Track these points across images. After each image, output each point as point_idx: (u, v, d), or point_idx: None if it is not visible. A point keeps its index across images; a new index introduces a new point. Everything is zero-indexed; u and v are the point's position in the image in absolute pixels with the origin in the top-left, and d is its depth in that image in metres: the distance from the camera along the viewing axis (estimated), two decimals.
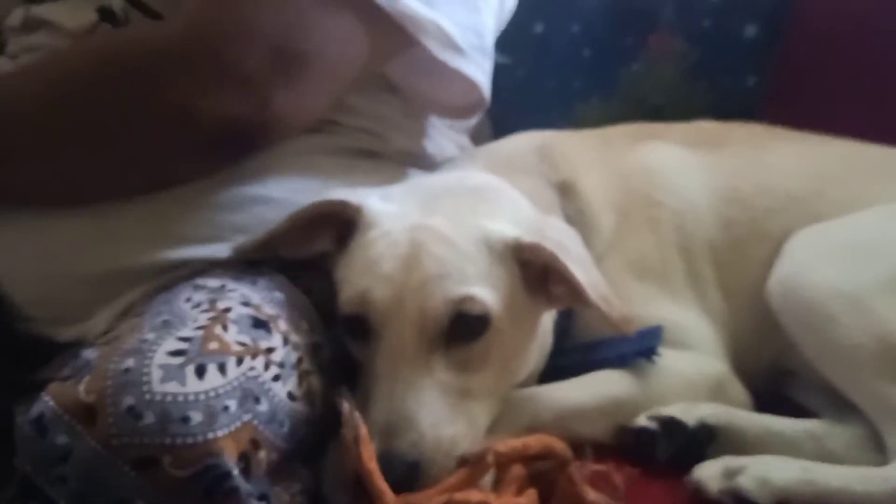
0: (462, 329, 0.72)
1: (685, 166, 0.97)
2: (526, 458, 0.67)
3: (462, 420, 0.71)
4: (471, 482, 0.65)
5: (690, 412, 0.80)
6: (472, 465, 0.65)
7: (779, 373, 0.93)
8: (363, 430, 0.63)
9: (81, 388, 0.60)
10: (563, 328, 0.86)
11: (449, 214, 0.76)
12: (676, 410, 0.80)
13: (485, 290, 0.73)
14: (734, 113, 1.09)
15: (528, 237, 0.76)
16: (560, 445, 0.68)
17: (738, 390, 0.87)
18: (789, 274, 0.86)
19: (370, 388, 0.72)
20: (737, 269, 0.92)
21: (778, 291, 0.86)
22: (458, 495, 0.62)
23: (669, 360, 0.84)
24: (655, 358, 0.83)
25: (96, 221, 0.76)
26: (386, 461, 0.65)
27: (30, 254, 0.77)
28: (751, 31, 1.19)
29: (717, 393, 0.85)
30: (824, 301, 0.82)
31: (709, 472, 0.74)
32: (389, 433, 0.67)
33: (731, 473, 0.73)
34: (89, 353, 0.64)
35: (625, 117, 1.10)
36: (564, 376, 0.83)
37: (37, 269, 0.77)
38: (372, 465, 0.62)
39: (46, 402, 0.60)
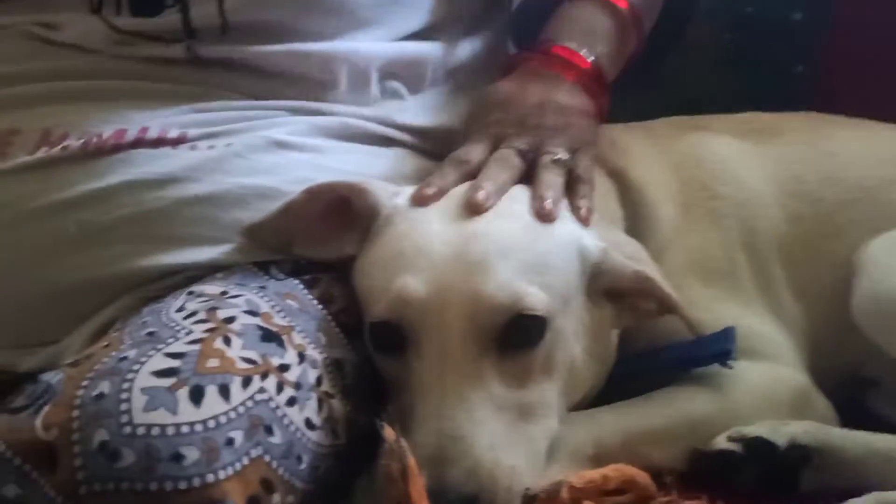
0: (517, 333, 0.62)
1: (742, 156, 0.89)
2: (604, 493, 0.55)
3: (521, 445, 0.60)
4: None
5: (779, 431, 0.70)
6: (541, 501, 0.52)
7: (857, 382, 0.84)
8: (412, 461, 0.51)
9: (38, 422, 0.49)
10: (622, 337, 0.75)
11: (504, 207, 0.67)
12: (762, 430, 0.70)
13: (543, 291, 0.63)
14: (780, 105, 1.01)
15: (615, 253, 0.69)
16: (643, 477, 0.58)
17: (823, 404, 0.78)
18: (878, 287, 0.78)
19: (409, 409, 0.60)
20: (808, 268, 0.84)
21: (866, 308, 0.78)
22: None
23: (744, 372, 0.74)
24: (730, 368, 0.73)
25: (74, 220, 0.65)
26: (438, 495, 0.53)
27: None
28: (797, 15, 1.11)
29: (800, 408, 0.75)
30: None
31: None
32: (440, 461, 0.56)
33: None
34: (51, 377, 0.52)
35: (662, 112, 1.01)
36: (623, 389, 0.72)
37: None
38: None
39: None
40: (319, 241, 0.68)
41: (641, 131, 0.92)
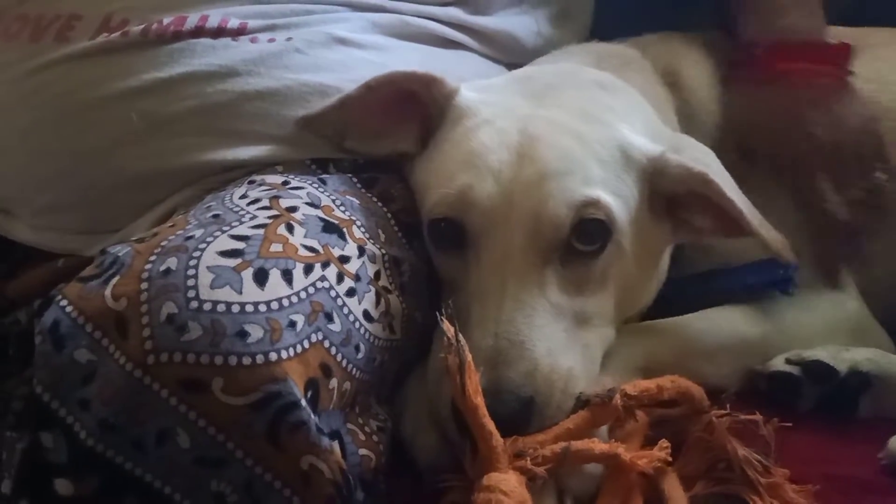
0: (581, 240, 0.60)
1: None
2: (657, 403, 0.55)
3: (577, 352, 0.59)
4: (591, 428, 0.53)
5: (840, 356, 0.69)
6: (594, 407, 0.52)
7: None
8: (469, 356, 0.51)
9: (108, 291, 0.49)
10: (673, 256, 0.73)
11: (571, 108, 0.65)
12: (823, 354, 0.69)
13: (612, 197, 0.62)
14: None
15: (674, 156, 0.65)
16: (698, 391, 0.57)
17: (881, 335, 0.75)
18: None
19: (465, 310, 0.59)
20: None
21: None
22: (578, 444, 0.50)
23: (803, 296, 0.72)
24: (790, 295, 0.71)
25: (137, 110, 0.64)
26: (494, 395, 0.53)
27: (57, 151, 0.66)
28: None
29: (858, 336, 0.73)
30: None
31: None
32: (497, 362, 0.55)
33: None
34: (119, 249, 0.52)
35: None
36: (675, 311, 0.71)
37: (65, 169, 0.66)
38: (478, 400, 0.49)
39: (62, 307, 0.49)
40: (373, 135, 0.67)
41: (694, 40, 0.85)
